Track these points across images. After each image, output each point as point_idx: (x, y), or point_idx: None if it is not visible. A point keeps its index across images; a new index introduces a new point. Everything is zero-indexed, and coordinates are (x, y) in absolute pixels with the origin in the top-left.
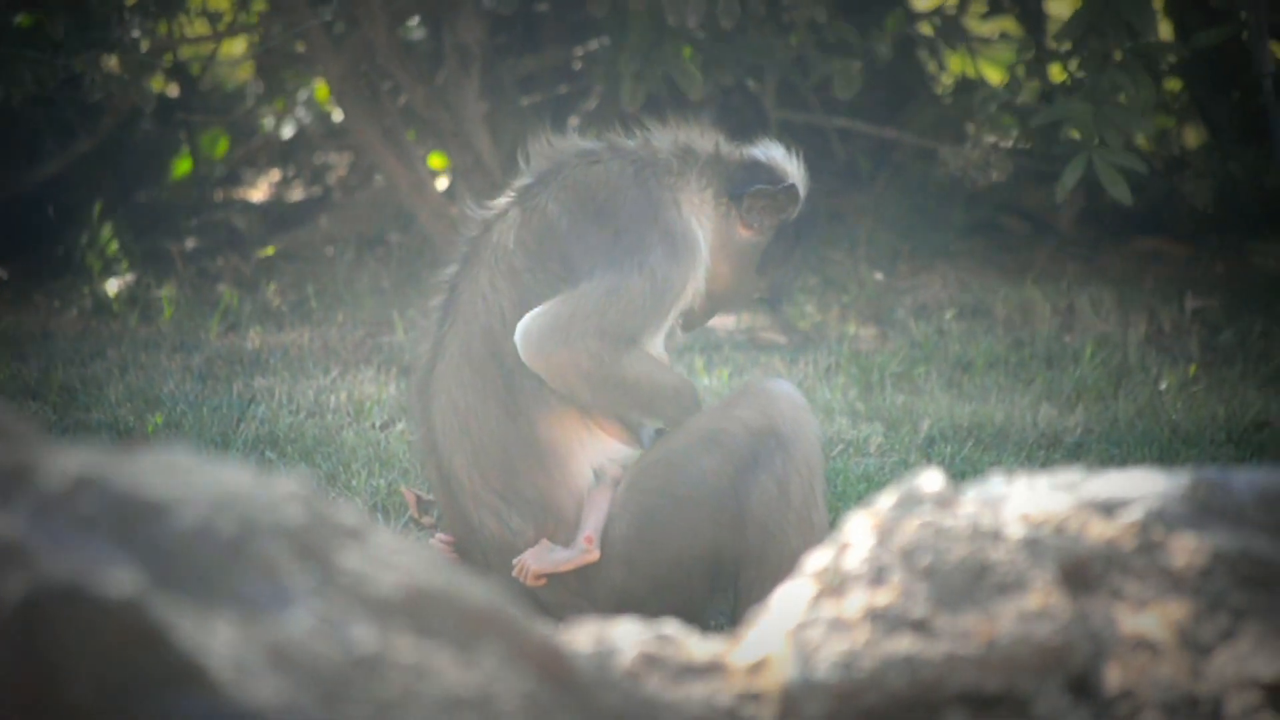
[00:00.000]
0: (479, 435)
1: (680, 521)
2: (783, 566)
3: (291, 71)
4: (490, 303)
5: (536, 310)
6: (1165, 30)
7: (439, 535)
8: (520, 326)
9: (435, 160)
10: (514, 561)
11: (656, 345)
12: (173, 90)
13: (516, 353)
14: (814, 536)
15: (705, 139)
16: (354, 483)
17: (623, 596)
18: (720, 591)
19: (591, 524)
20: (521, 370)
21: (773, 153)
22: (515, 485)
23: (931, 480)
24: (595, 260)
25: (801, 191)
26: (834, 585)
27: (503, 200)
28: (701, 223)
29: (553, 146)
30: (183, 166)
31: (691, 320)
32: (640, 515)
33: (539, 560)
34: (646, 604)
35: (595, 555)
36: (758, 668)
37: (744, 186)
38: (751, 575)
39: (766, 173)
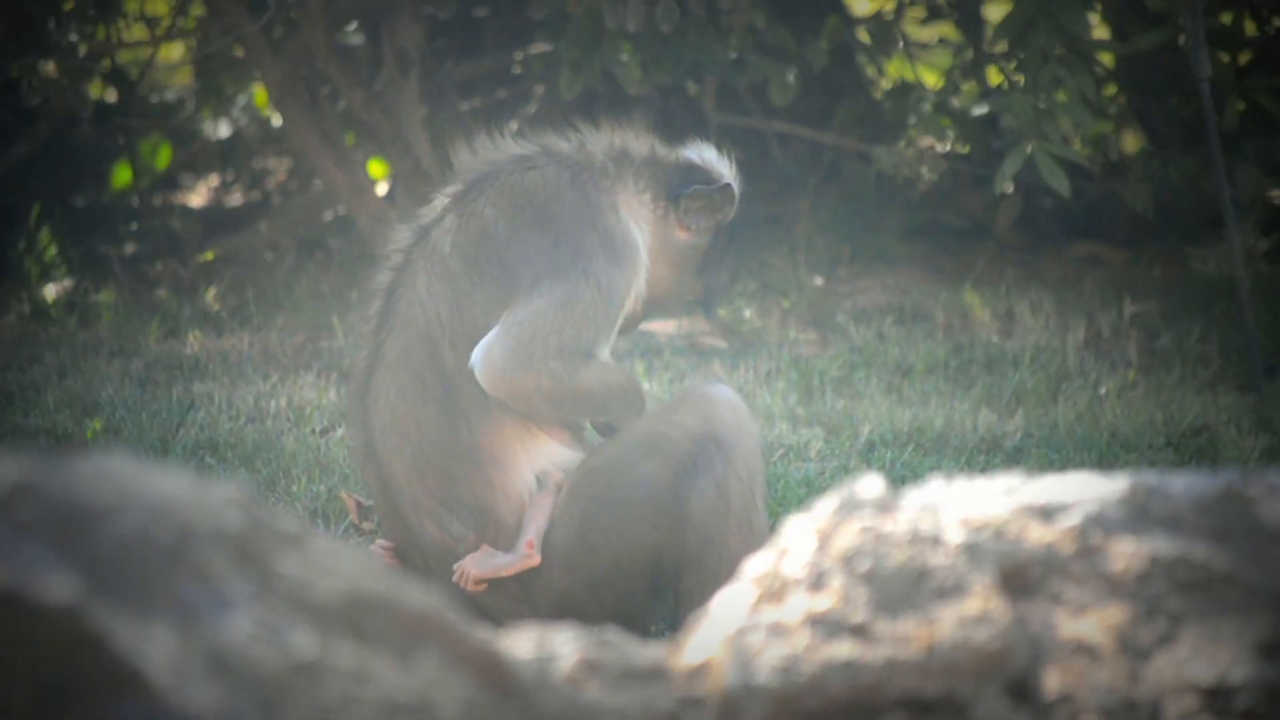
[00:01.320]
0: (418, 442)
1: (620, 526)
2: (723, 571)
3: (230, 76)
4: (428, 308)
5: (491, 335)
6: (1102, 34)
7: (379, 542)
8: (478, 354)
9: (375, 168)
10: (454, 567)
11: (607, 349)
12: (111, 95)
13: (455, 358)
14: (754, 541)
15: (640, 141)
16: (294, 488)
17: (563, 601)
18: (660, 596)
19: (533, 529)
20: (461, 375)
21: (706, 154)
22: (455, 491)
23: (871, 485)
24: (536, 268)
25: (737, 192)
26: (774, 590)
27: (437, 206)
28: (640, 225)
29: (487, 151)
30: (123, 176)
31: (628, 323)
32: (581, 520)
33: (480, 565)
34: (587, 608)
35: (536, 560)
36: (698, 673)
37: (680, 188)
38: (692, 580)
39: (702, 174)
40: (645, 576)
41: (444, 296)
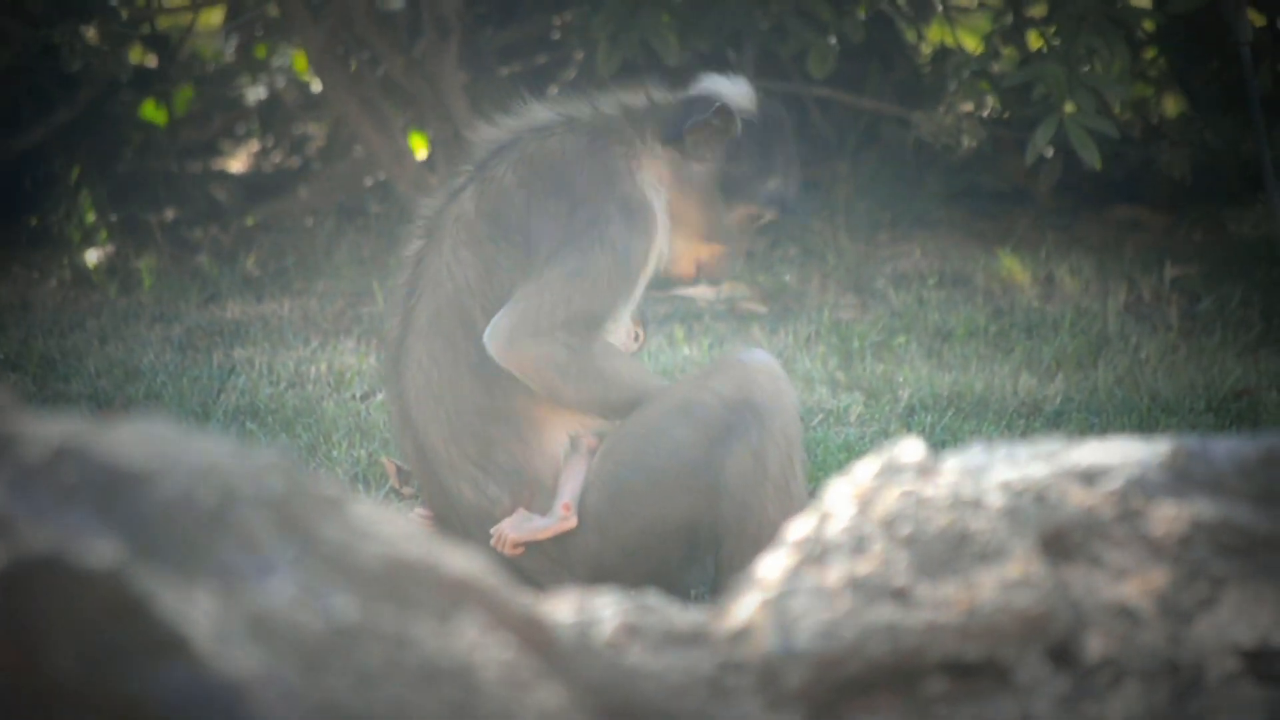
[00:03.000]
0: (453, 406)
1: (653, 493)
2: (761, 537)
3: (269, 41)
4: (455, 274)
5: (503, 309)
6: None
7: (419, 510)
8: (489, 327)
9: (415, 140)
10: (491, 530)
11: (624, 318)
12: (151, 61)
13: (485, 323)
14: (792, 507)
15: (655, 93)
16: (334, 453)
17: (598, 565)
18: (698, 561)
19: (568, 491)
20: None
21: (713, 83)
22: (491, 454)
23: (912, 449)
24: (553, 237)
25: (740, 104)
26: (815, 555)
27: (460, 175)
28: (657, 186)
29: (509, 120)
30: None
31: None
32: (614, 486)
33: (517, 529)
34: (622, 572)
35: (573, 523)
36: (739, 637)
37: (679, 129)
38: (731, 547)
39: (702, 104)
40: (680, 542)
41: (471, 263)
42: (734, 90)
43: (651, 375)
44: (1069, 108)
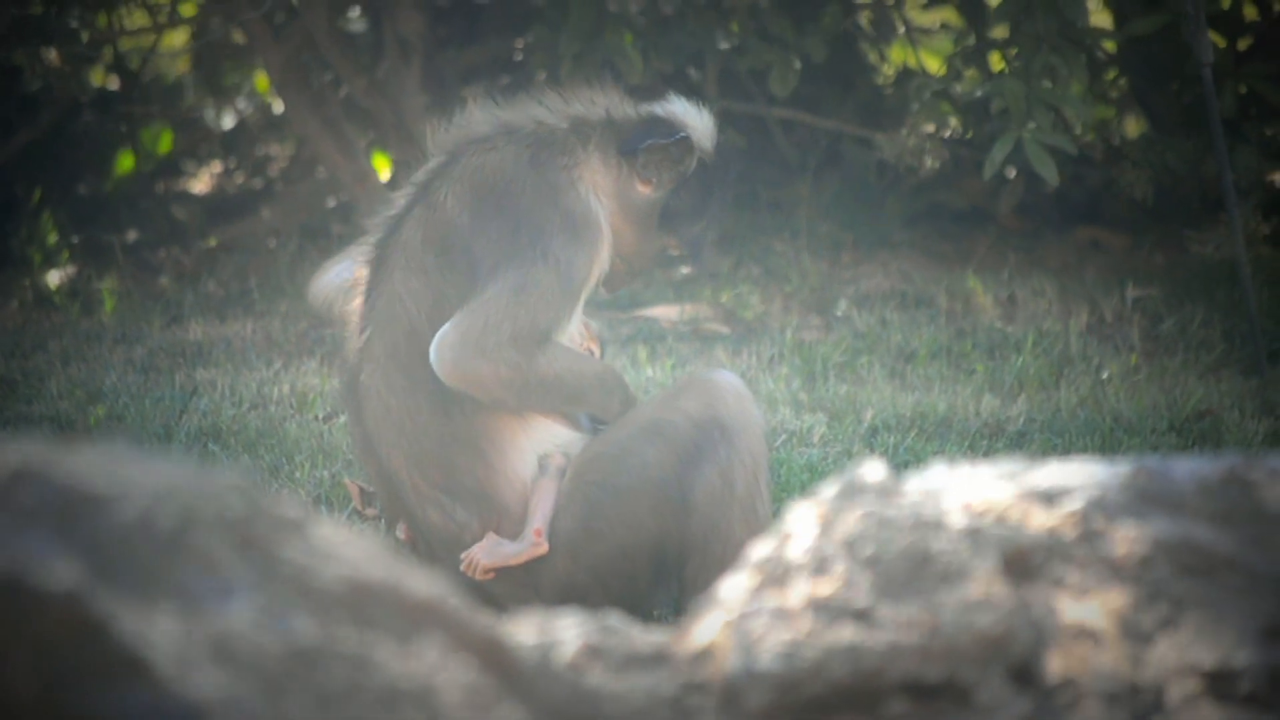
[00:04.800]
0: (413, 434)
1: (624, 513)
2: (727, 557)
3: (231, 63)
4: (408, 305)
5: (446, 327)
6: (1104, 19)
7: (401, 524)
8: (433, 346)
9: (379, 161)
10: (462, 556)
11: (569, 331)
12: (113, 82)
13: None
14: (758, 527)
15: (603, 103)
16: (297, 475)
17: (567, 587)
18: (664, 582)
19: (539, 516)
20: None
21: (675, 107)
22: (456, 478)
23: (874, 470)
24: (498, 255)
25: (701, 142)
26: (777, 575)
27: (402, 196)
28: (601, 197)
29: (450, 133)
30: (125, 164)
31: (612, 282)
32: (584, 507)
33: (489, 555)
34: (591, 595)
35: (544, 548)
36: (701, 658)
37: (636, 143)
38: (696, 566)
39: (664, 127)
40: (649, 563)
41: (422, 293)
42: (699, 122)
43: (595, 363)
44: (1028, 125)
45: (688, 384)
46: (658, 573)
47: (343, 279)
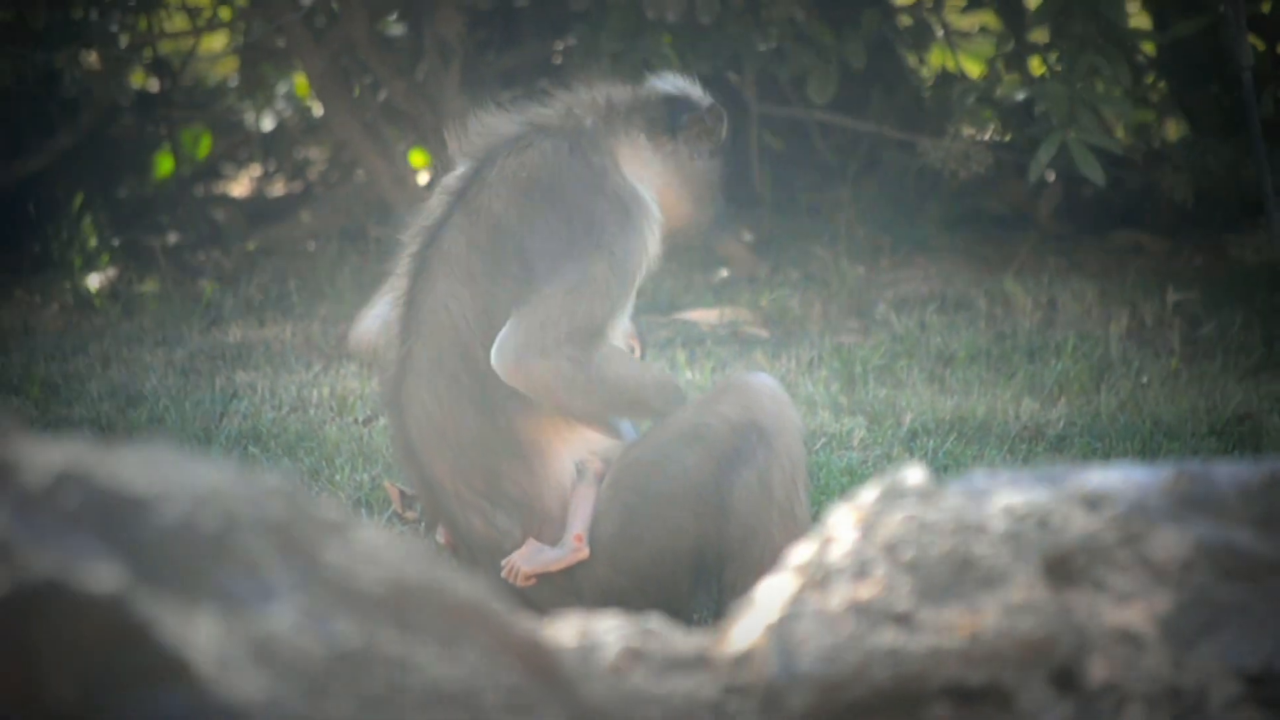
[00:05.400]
0: (457, 442)
1: (663, 518)
2: (766, 561)
3: (271, 66)
4: (454, 313)
5: (506, 328)
6: (1143, 21)
7: (441, 529)
8: (495, 348)
9: (416, 158)
10: (502, 563)
11: (624, 324)
12: (153, 85)
13: (487, 358)
14: (797, 530)
15: (616, 89)
16: (337, 478)
17: (608, 593)
18: (704, 586)
19: (579, 522)
20: (495, 376)
21: (675, 82)
22: (498, 485)
23: (914, 474)
24: (552, 252)
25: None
26: (818, 579)
27: (437, 203)
28: (643, 176)
29: (477, 137)
30: (165, 166)
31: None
32: (623, 512)
33: (529, 561)
34: (631, 599)
35: (585, 553)
36: (742, 661)
37: (677, 118)
38: (735, 570)
39: (684, 101)
40: (689, 567)
41: (468, 300)
42: (692, 91)
43: (653, 368)
44: (1071, 128)
45: (725, 388)
46: (697, 577)
47: (381, 323)
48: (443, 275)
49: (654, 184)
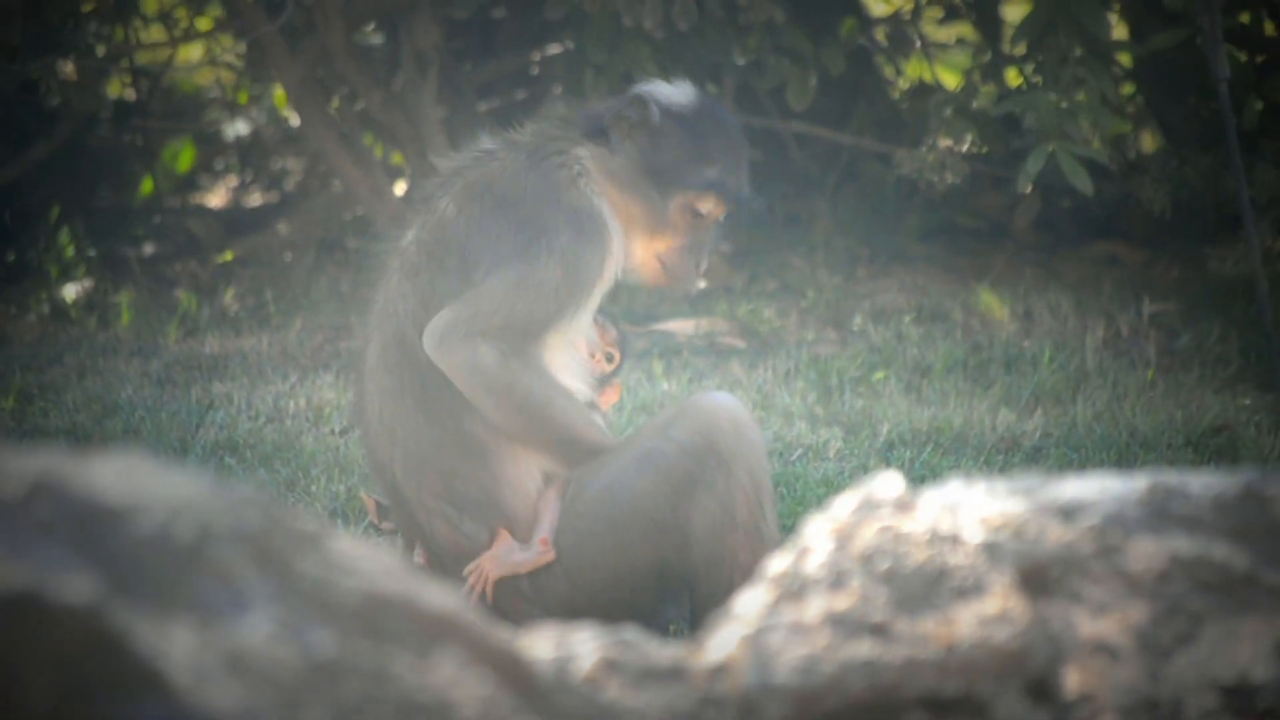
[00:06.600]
0: (406, 442)
1: (619, 545)
2: (735, 582)
3: (248, 77)
4: (398, 308)
5: (444, 309)
6: (1121, 32)
7: (418, 551)
8: (428, 326)
9: (397, 157)
10: (466, 570)
11: (575, 330)
12: (130, 95)
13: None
14: (765, 550)
15: (589, 104)
16: (313, 488)
17: (570, 609)
18: (672, 600)
19: (545, 526)
20: (435, 370)
21: (645, 87)
22: (458, 487)
23: (890, 485)
24: (498, 251)
25: (671, 97)
26: (793, 590)
27: (413, 213)
28: (603, 191)
29: (456, 156)
30: (147, 186)
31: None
32: (578, 537)
33: (497, 564)
34: (595, 613)
35: (551, 555)
36: (718, 672)
37: (600, 123)
38: (706, 589)
39: (604, 107)
40: (650, 586)
41: (410, 295)
42: (670, 91)
43: (593, 423)
44: (1056, 139)
45: (681, 411)
46: (661, 594)
47: None
48: (396, 272)
49: (613, 197)
